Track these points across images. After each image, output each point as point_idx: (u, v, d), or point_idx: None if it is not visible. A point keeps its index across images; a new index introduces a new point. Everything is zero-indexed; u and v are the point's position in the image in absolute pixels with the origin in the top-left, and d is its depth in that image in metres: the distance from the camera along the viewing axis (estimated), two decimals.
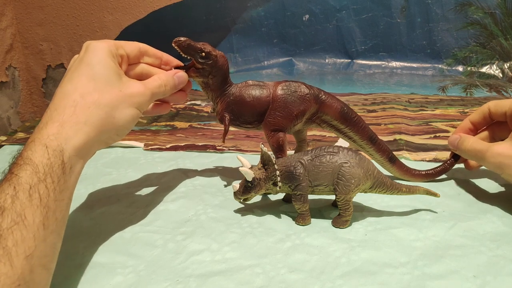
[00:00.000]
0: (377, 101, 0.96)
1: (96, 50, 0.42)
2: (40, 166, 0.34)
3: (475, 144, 0.50)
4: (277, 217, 0.48)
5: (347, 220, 0.46)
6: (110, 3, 1.36)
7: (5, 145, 0.71)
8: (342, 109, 0.52)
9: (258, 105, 0.51)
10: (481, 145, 0.49)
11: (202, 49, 0.50)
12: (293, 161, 0.46)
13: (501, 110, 0.51)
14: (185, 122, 0.84)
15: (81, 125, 0.38)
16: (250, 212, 0.49)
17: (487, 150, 0.48)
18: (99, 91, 0.40)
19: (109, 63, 0.42)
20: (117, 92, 0.41)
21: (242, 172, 0.46)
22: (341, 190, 0.44)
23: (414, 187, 0.48)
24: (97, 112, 0.40)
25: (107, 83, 0.41)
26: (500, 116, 0.52)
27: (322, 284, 0.38)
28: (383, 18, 1.25)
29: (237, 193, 0.47)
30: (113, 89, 0.41)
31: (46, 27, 1.41)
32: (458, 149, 0.52)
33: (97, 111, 0.40)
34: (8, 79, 1.40)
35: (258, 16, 1.29)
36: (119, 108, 0.41)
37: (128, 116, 0.42)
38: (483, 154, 0.48)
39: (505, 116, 0.51)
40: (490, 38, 1.20)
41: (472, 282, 0.38)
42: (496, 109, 0.52)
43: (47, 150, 0.35)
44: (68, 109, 0.39)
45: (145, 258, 0.42)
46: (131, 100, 0.42)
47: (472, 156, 0.51)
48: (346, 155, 0.45)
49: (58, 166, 0.35)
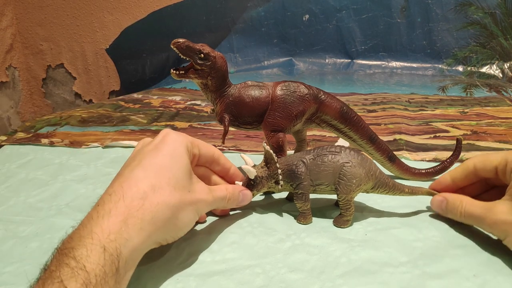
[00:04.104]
0: (377, 101, 0.96)
1: (175, 142, 0.41)
2: (92, 276, 0.30)
3: (469, 209, 0.43)
4: (277, 217, 0.48)
5: (348, 219, 0.46)
6: (110, 3, 1.36)
7: (5, 145, 0.71)
8: (342, 109, 0.53)
9: (257, 105, 0.51)
10: (477, 210, 0.43)
11: (201, 50, 0.50)
12: (295, 160, 0.46)
13: (490, 165, 0.44)
14: (185, 122, 0.84)
15: (145, 224, 0.35)
16: (250, 212, 0.49)
17: (486, 216, 0.41)
18: (171, 188, 0.37)
19: (185, 160, 0.40)
20: (186, 193, 0.39)
21: (245, 170, 0.46)
22: (342, 189, 0.44)
23: (416, 188, 0.48)
24: (164, 212, 0.36)
25: (179, 181, 0.39)
26: (489, 172, 0.45)
27: (322, 283, 0.38)
28: (383, 18, 1.25)
29: None
30: (183, 189, 0.39)
31: (46, 27, 1.41)
32: (447, 213, 0.46)
33: (165, 210, 0.36)
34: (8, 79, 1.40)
35: (258, 16, 1.29)
36: (185, 210, 0.39)
37: (189, 219, 0.40)
38: (481, 220, 0.42)
39: (495, 172, 0.44)
40: (490, 38, 1.20)
41: (472, 282, 0.38)
42: (484, 164, 0.45)
43: (104, 255, 0.31)
44: (136, 201, 0.35)
45: (145, 258, 0.41)
46: (196, 205, 0.40)
47: (467, 222, 0.44)
48: (348, 155, 0.45)
49: (111, 275, 0.31)
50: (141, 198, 0.35)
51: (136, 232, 0.34)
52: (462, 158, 0.62)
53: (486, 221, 0.42)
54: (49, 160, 0.65)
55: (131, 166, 0.38)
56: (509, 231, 0.40)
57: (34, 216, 0.49)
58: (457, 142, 0.56)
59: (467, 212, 0.44)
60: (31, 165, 0.63)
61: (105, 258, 0.31)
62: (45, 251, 0.43)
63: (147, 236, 0.35)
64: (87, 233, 0.32)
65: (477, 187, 0.48)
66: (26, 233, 0.46)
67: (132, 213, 0.34)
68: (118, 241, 0.32)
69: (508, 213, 0.40)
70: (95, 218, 0.33)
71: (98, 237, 0.32)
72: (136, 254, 0.34)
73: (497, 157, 0.44)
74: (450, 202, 0.46)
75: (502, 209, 0.40)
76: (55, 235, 0.45)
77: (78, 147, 0.70)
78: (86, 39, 1.41)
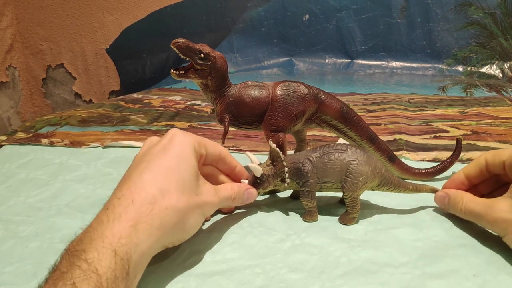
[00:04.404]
0: (377, 101, 0.96)
1: (183, 144, 0.41)
2: (103, 280, 0.30)
3: (469, 205, 0.44)
4: (277, 216, 0.48)
5: (354, 217, 0.46)
6: (110, 3, 1.36)
7: (5, 145, 0.71)
8: (342, 109, 0.53)
9: (257, 105, 0.51)
10: (477, 206, 0.43)
11: (201, 50, 0.50)
12: (302, 158, 0.46)
13: (499, 159, 0.44)
14: (185, 122, 0.84)
15: (154, 229, 0.35)
16: (250, 212, 0.49)
17: (486, 214, 0.41)
18: (179, 191, 0.37)
19: (193, 161, 0.40)
20: (193, 197, 0.39)
21: (251, 168, 0.46)
22: (348, 187, 0.45)
23: (420, 186, 0.48)
24: (173, 216, 0.36)
25: (187, 184, 0.39)
26: (498, 167, 0.45)
27: (322, 283, 0.38)
28: (383, 18, 1.25)
29: None
30: (191, 192, 0.39)
31: (46, 27, 1.41)
32: (449, 209, 0.46)
33: (173, 214, 0.36)
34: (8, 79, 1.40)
35: (258, 16, 1.29)
36: (192, 214, 0.39)
37: (196, 222, 0.40)
38: (481, 217, 0.42)
39: (503, 167, 0.44)
40: (490, 38, 1.20)
41: (472, 282, 0.38)
42: (494, 159, 0.45)
43: (115, 258, 0.31)
44: (145, 206, 0.35)
45: None
46: (203, 207, 0.40)
47: (468, 218, 0.44)
48: (354, 153, 0.45)
49: (122, 279, 0.31)
50: (150, 202, 0.35)
51: (145, 237, 0.34)
52: (462, 158, 0.62)
53: (486, 218, 0.42)
54: (49, 160, 0.65)
55: (139, 169, 0.38)
56: (509, 229, 0.40)
57: (34, 216, 0.49)
58: (457, 142, 0.56)
59: (467, 208, 0.44)
60: (31, 165, 0.63)
61: (116, 262, 0.31)
62: (45, 251, 0.43)
63: (155, 241, 0.35)
64: (98, 236, 0.32)
65: (489, 184, 0.48)
66: (26, 233, 0.46)
67: (142, 218, 0.34)
68: (129, 246, 0.32)
69: (508, 211, 0.40)
70: (105, 222, 0.33)
71: (109, 240, 0.32)
72: (144, 258, 0.34)
73: (507, 152, 0.44)
74: (452, 198, 0.46)
75: (503, 206, 0.40)
76: (55, 235, 0.45)
77: (78, 147, 0.70)
78: (86, 39, 1.41)
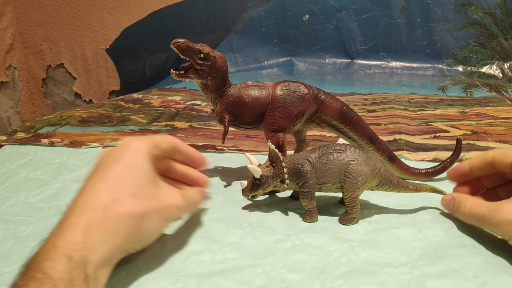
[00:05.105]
0: (377, 101, 0.96)
1: (137, 151, 0.40)
2: (58, 282, 0.30)
3: (474, 208, 0.43)
4: (277, 217, 0.48)
5: (354, 217, 0.46)
6: (110, 3, 1.36)
7: (5, 145, 0.71)
8: (342, 109, 0.53)
9: (257, 105, 0.51)
10: (482, 209, 0.42)
11: (200, 50, 0.50)
12: (301, 158, 0.46)
13: (508, 160, 0.44)
14: (185, 122, 0.84)
15: (109, 234, 0.35)
16: (250, 212, 0.49)
17: (491, 216, 0.41)
18: (134, 197, 0.37)
19: (147, 167, 0.40)
20: (151, 201, 0.39)
21: (250, 170, 0.46)
22: (348, 187, 0.45)
23: (420, 185, 0.48)
24: (128, 221, 0.36)
25: (142, 189, 0.38)
26: (505, 167, 0.44)
27: (322, 284, 0.38)
28: (383, 18, 1.25)
29: (245, 191, 0.48)
30: (147, 197, 0.38)
31: (46, 27, 1.41)
32: (454, 213, 0.46)
33: (128, 220, 0.36)
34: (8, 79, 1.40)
35: (258, 16, 1.29)
36: (150, 218, 0.38)
37: (155, 227, 0.40)
38: (486, 220, 0.42)
39: (511, 167, 0.44)
40: (490, 38, 1.20)
41: (472, 282, 0.38)
42: (502, 159, 0.44)
43: (69, 263, 0.31)
44: (97, 213, 0.35)
45: (145, 257, 0.42)
46: (164, 211, 0.40)
47: (472, 221, 0.44)
48: (353, 153, 0.45)
49: (80, 280, 0.31)
50: (102, 209, 0.35)
51: (100, 242, 0.34)
52: (462, 158, 0.62)
53: (491, 220, 0.41)
54: (49, 160, 0.65)
55: (94, 179, 0.38)
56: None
57: (34, 216, 0.49)
58: (457, 142, 0.56)
59: (472, 211, 0.43)
60: (31, 165, 0.63)
61: (71, 266, 0.31)
62: None
63: (113, 245, 0.35)
64: (51, 247, 0.32)
65: (493, 179, 0.47)
66: (26, 233, 0.46)
67: (94, 225, 0.34)
68: (83, 250, 0.33)
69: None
70: (58, 233, 0.33)
71: (62, 249, 0.32)
72: (107, 261, 0.35)
73: None
74: (456, 201, 0.46)
75: (508, 208, 0.40)
76: None
77: (78, 147, 0.70)
78: (86, 39, 1.41)
